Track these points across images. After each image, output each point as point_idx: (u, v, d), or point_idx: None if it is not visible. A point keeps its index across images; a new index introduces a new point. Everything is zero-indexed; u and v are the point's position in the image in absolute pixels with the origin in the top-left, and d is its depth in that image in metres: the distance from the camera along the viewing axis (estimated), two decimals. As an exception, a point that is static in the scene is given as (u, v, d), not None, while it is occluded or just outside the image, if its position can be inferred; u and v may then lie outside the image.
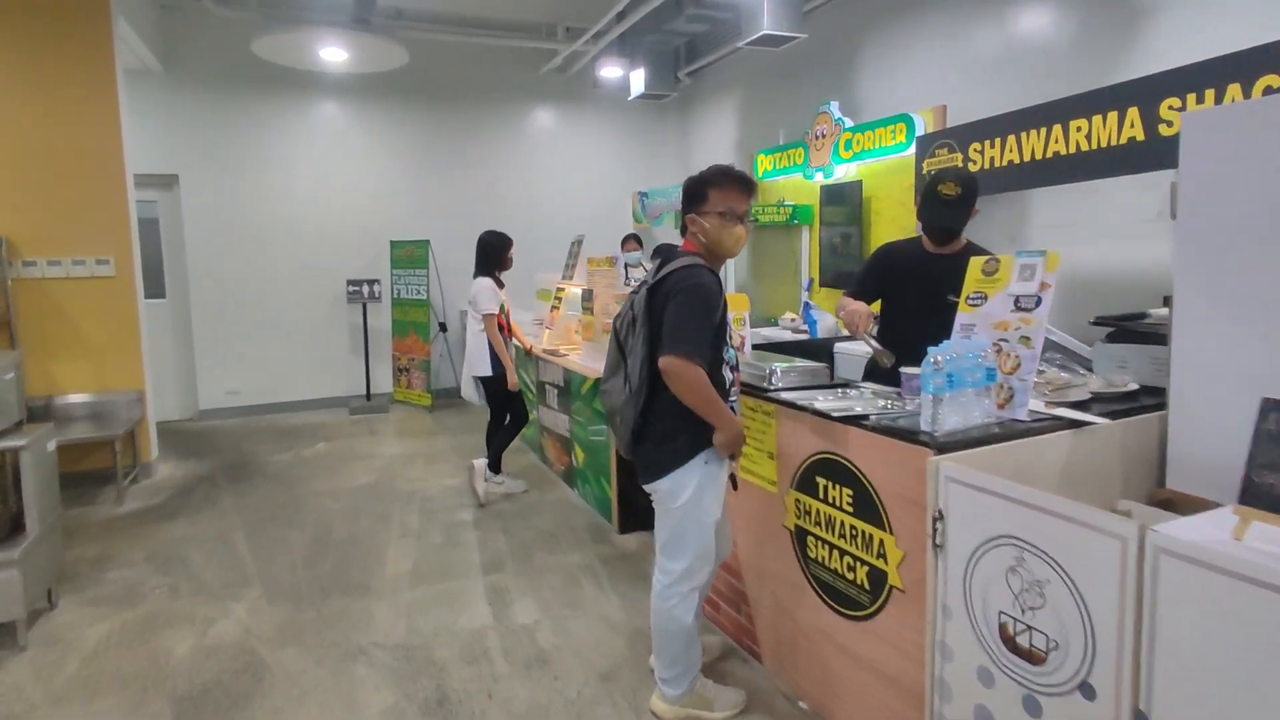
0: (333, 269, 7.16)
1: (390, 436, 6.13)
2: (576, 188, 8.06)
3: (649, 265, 6.15)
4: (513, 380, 4.37)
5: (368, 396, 7.20)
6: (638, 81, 6.74)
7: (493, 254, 4.45)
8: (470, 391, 4.58)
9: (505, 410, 4.55)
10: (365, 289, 7.02)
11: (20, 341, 4.72)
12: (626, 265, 5.98)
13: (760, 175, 6.15)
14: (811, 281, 5.75)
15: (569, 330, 4.95)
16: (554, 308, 5.05)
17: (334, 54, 5.97)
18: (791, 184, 5.94)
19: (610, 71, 7.03)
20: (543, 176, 7.90)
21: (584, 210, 8.08)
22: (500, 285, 4.46)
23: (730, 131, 7.29)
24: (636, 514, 3.89)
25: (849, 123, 5.21)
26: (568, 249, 5.18)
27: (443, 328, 7.38)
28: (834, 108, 5.34)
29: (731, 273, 6.56)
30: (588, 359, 4.26)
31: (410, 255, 7.09)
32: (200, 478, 5.04)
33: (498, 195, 7.71)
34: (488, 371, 4.36)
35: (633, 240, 6.00)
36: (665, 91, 6.80)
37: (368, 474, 5.05)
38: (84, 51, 4.77)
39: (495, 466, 4.49)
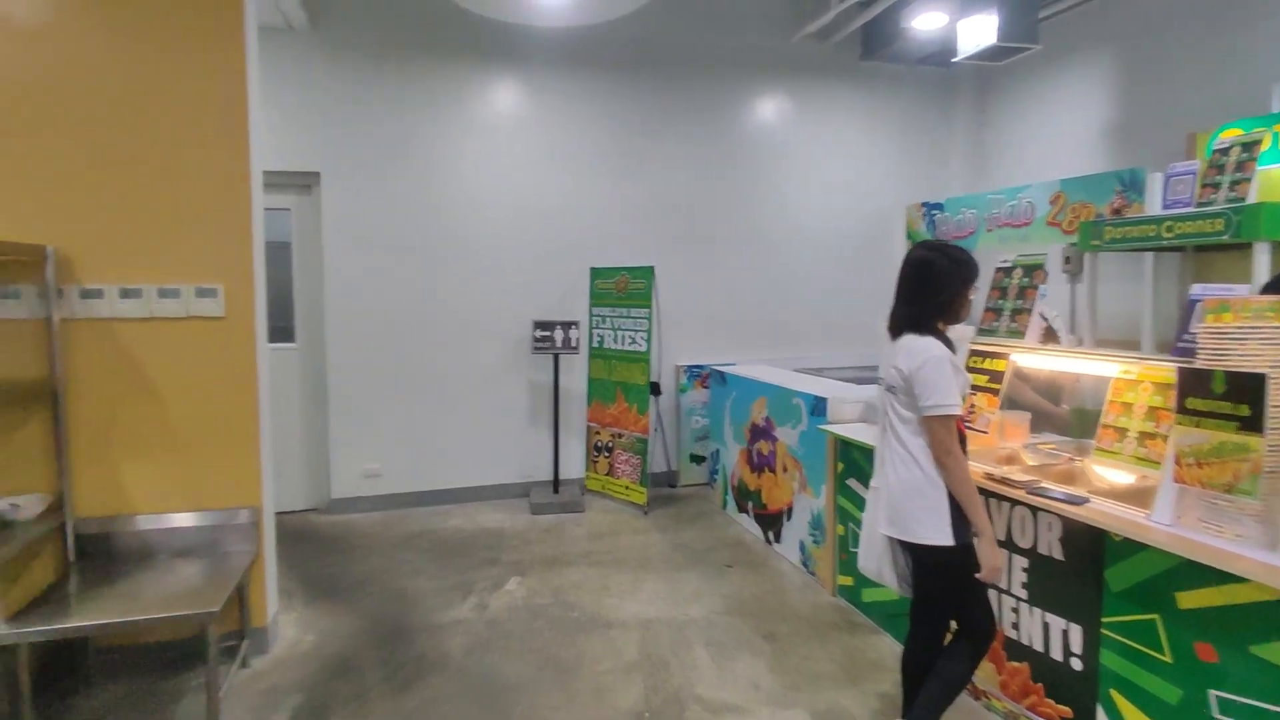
0: (514, 306, 5.13)
1: (613, 567, 3.92)
2: (830, 196, 5.80)
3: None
4: (993, 557, 2.06)
5: (555, 486, 5.07)
6: (978, 33, 4.42)
7: (940, 291, 2.17)
8: (880, 564, 2.28)
9: (951, 611, 2.23)
10: (559, 335, 4.94)
11: (69, 422, 2.80)
12: None
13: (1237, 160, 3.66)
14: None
15: (1016, 431, 2.63)
16: (983, 390, 2.72)
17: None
18: (1314, 174, 3.44)
19: (928, 20, 4.78)
20: (785, 180, 5.68)
21: (843, 225, 5.82)
22: (953, 350, 2.18)
23: (1098, 108, 4.86)
24: None
25: None
26: (995, 279, 2.86)
27: (654, 389, 5.19)
28: None
29: (1148, 314, 4.04)
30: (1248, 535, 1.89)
31: (622, 288, 4.97)
32: (340, 664, 2.94)
33: (728, 204, 5.54)
34: (943, 537, 2.05)
35: None
36: (1024, 44, 4.45)
37: (622, 677, 2.83)
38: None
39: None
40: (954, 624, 2.24)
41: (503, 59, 5.00)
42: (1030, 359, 2.79)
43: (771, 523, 4.17)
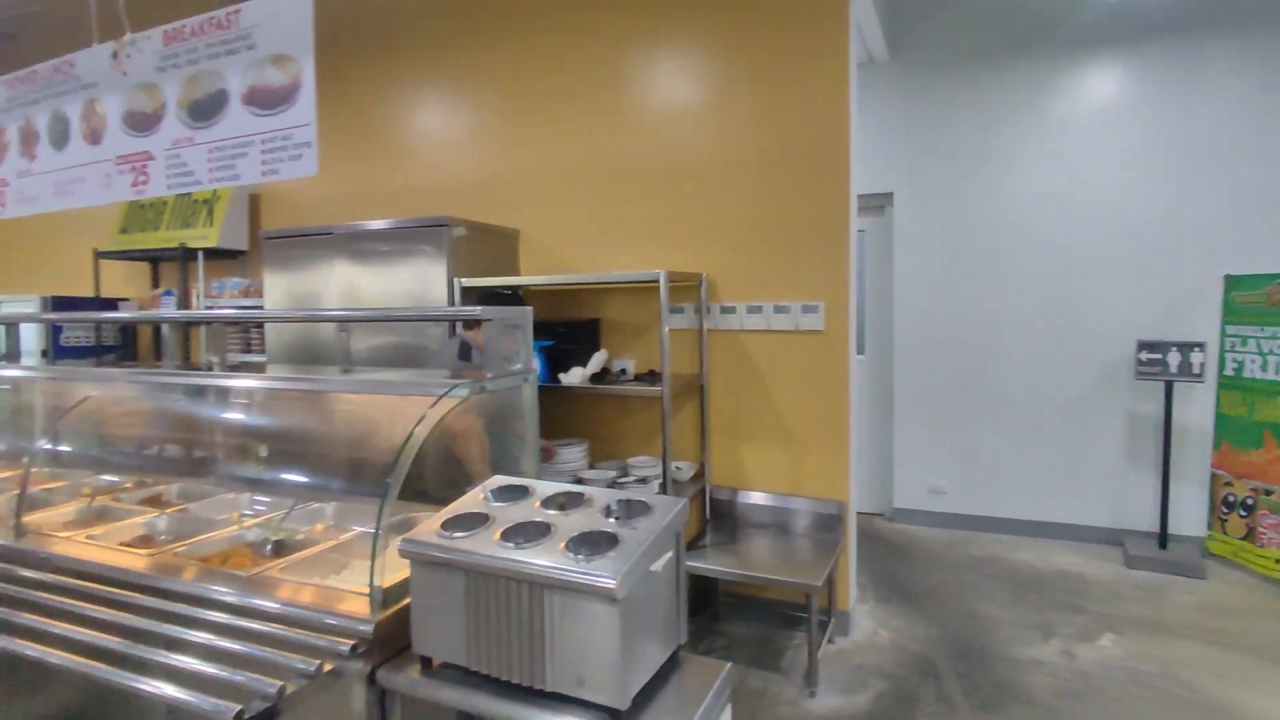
0: (1106, 323, 4.48)
1: (1246, 653, 3.06)
2: None
3: None
4: None
5: (1162, 541, 4.23)
6: None
7: None
8: None
9: None
10: (1173, 358, 4.11)
11: (711, 408, 3.57)
12: None
13: None
14: None
15: None
16: None
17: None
18: None
19: None
20: None
21: None
22: None
23: None
24: None
25: None
26: None
27: (1325, 435, 3.86)
28: None
29: None
30: None
31: (1277, 300, 3.86)
32: (918, 665, 3.02)
33: None
34: None
35: None
36: None
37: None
38: (815, 43, 3.37)
39: None
40: None
41: (1095, 43, 4.41)
42: None
43: None
